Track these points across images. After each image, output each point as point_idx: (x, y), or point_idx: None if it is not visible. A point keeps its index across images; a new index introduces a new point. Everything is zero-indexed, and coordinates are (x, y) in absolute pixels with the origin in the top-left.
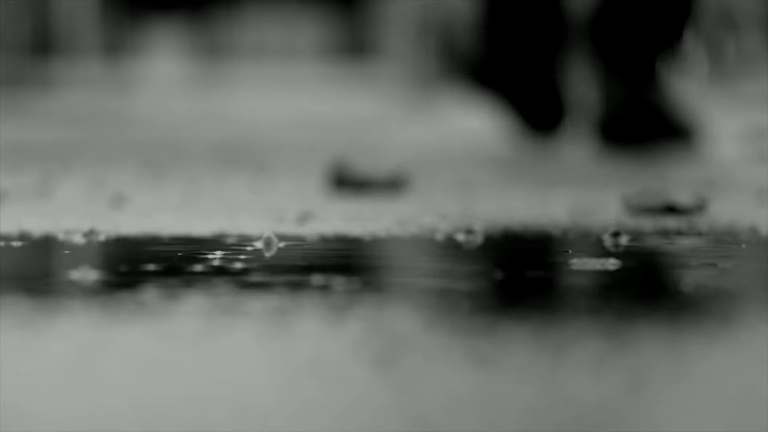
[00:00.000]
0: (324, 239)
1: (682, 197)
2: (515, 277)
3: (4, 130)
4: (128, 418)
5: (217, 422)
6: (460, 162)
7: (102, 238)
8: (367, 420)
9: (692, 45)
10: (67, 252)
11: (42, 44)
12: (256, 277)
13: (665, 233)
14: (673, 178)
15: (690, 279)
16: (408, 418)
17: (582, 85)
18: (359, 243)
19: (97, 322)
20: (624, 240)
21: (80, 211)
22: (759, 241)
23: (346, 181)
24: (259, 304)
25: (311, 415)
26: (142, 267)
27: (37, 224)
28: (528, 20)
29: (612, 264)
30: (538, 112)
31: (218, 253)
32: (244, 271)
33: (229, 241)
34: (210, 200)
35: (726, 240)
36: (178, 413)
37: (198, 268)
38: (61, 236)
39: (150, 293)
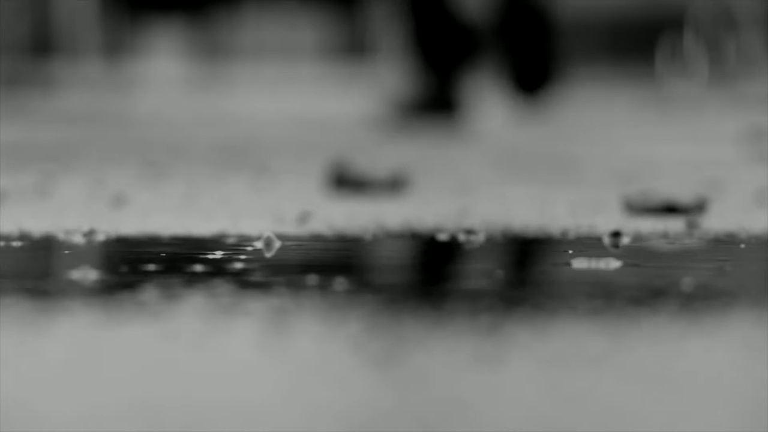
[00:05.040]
0: (324, 239)
1: (682, 197)
2: (516, 277)
3: (4, 130)
4: (128, 417)
5: (217, 422)
6: (460, 161)
7: (102, 238)
8: (367, 420)
9: (692, 45)
10: (67, 252)
11: (42, 44)
12: (256, 277)
13: (665, 233)
14: (670, 178)
15: (690, 279)
16: (408, 418)
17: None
18: (359, 243)
19: (97, 322)
20: (624, 240)
21: (80, 211)
22: (758, 241)
23: (346, 181)
24: (259, 304)
25: (311, 414)
26: (142, 267)
27: (37, 224)
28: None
29: (612, 264)
30: None
31: (218, 253)
32: (244, 271)
33: (229, 241)
34: (210, 200)
35: (726, 240)
36: (178, 413)
37: (198, 268)
38: (61, 236)
39: (150, 293)
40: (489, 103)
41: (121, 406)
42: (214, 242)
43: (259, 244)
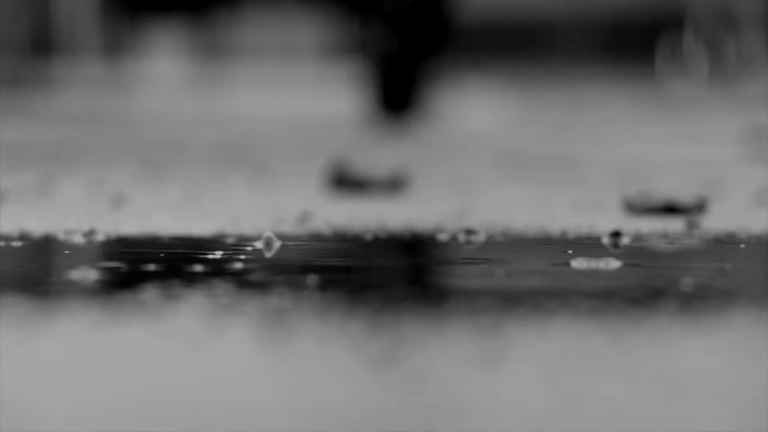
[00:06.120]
0: (324, 239)
1: (683, 197)
2: (515, 276)
3: (4, 130)
4: (128, 417)
5: (216, 422)
6: (460, 160)
7: (102, 238)
8: (367, 420)
9: (692, 45)
10: (67, 252)
11: (42, 44)
12: (256, 277)
13: (665, 233)
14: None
15: (690, 279)
16: (408, 417)
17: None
18: (359, 243)
19: (97, 322)
20: (624, 240)
21: (80, 211)
22: (758, 241)
23: (346, 181)
24: (258, 304)
25: (311, 414)
26: (142, 267)
27: (37, 224)
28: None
29: (612, 264)
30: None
31: (218, 253)
32: (243, 271)
33: (229, 241)
34: (210, 200)
35: (726, 240)
36: (178, 412)
37: (198, 267)
38: (61, 236)
39: (150, 293)
40: (475, 103)
41: (120, 406)
42: (214, 242)
43: (259, 244)
